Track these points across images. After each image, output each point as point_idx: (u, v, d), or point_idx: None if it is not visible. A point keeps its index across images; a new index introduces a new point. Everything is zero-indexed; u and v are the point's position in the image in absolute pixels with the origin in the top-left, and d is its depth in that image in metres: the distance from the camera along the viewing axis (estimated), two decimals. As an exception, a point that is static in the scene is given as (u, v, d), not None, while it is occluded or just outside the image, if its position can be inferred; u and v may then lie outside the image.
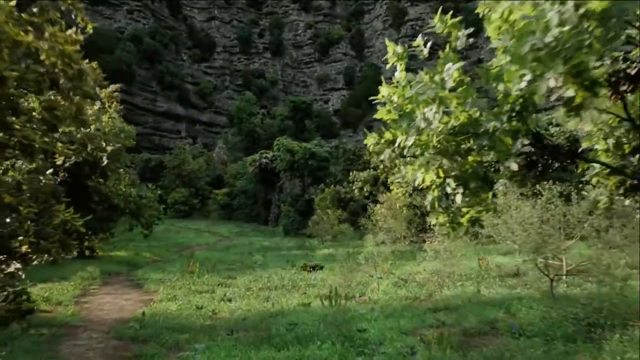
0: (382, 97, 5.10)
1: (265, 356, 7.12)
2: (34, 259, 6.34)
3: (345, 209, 32.93)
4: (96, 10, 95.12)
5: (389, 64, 5.21)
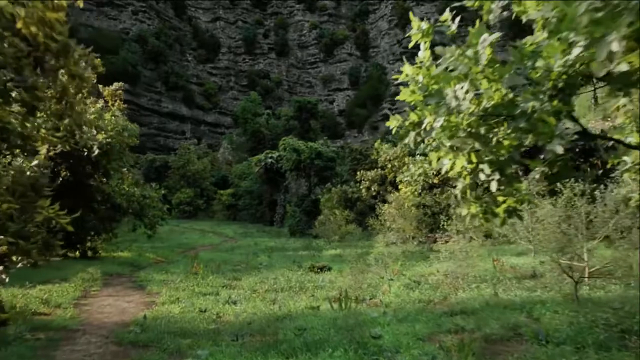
0: (405, 76, 4.58)
1: (273, 364, 6.62)
2: (15, 261, 5.78)
3: (352, 209, 32.39)
4: (101, 11, 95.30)
5: (412, 42, 4.69)
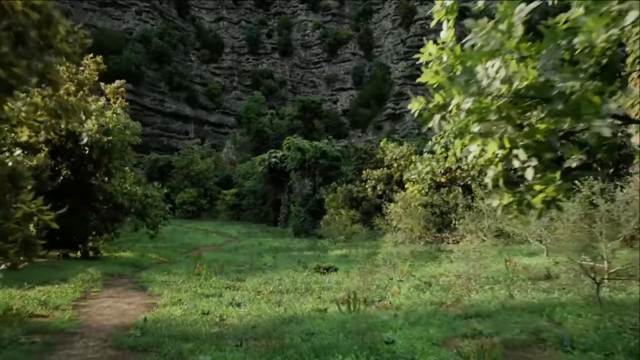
0: (428, 55, 4.14)
1: (280, 372, 6.20)
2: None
3: (358, 209, 31.92)
4: (105, 11, 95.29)
5: (434, 21, 4.26)
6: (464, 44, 4.25)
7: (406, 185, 26.32)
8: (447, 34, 4.24)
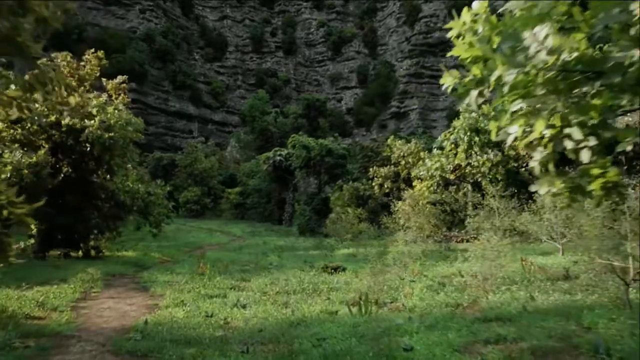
0: (463, 24, 3.60)
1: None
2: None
3: (364, 207, 31.36)
4: (108, 10, 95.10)
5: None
6: (499, 14, 3.74)
7: (414, 183, 25.73)
8: (480, 3, 3.72)
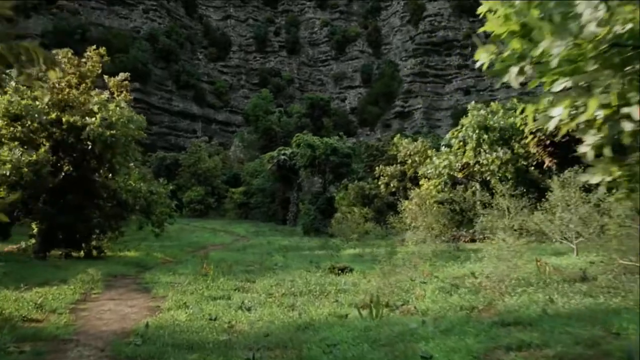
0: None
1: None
2: None
3: (370, 207, 30.90)
4: (112, 10, 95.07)
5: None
6: None
7: (421, 182, 25.28)
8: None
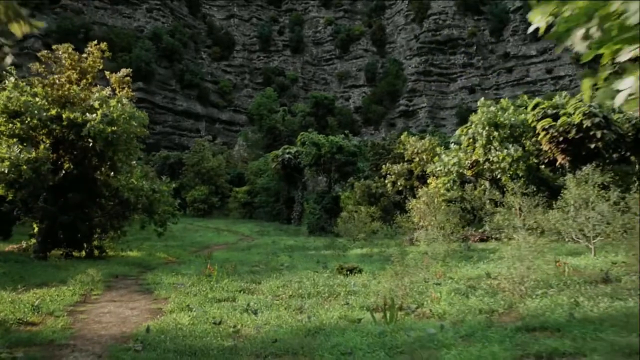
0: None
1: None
2: None
3: (376, 205, 30.31)
4: (115, 9, 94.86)
5: None
6: None
7: (429, 180, 24.70)
8: None
